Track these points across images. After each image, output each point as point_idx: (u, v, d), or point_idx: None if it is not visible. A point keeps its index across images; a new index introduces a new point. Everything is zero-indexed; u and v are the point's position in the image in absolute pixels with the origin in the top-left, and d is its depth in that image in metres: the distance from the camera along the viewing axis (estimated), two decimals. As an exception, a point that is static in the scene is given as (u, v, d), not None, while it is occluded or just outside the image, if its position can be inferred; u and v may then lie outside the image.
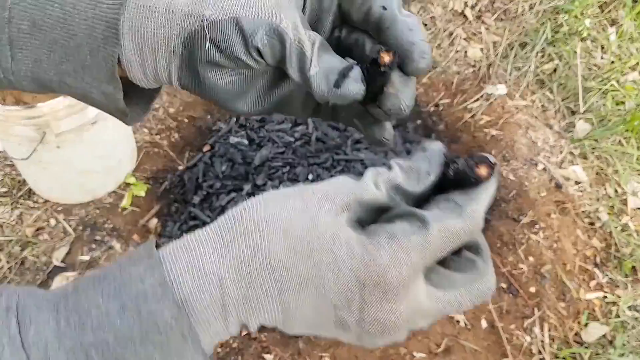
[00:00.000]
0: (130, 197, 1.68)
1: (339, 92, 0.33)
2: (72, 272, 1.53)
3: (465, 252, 0.32)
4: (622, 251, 1.69)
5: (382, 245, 0.28)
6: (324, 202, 0.30)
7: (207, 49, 0.35)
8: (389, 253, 0.28)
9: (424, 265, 0.29)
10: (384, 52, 0.32)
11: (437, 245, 0.29)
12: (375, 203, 0.30)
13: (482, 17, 2.23)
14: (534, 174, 1.81)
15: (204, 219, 1.67)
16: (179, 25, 0.34)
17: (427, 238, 0.28)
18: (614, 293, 1.62)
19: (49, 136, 1.40)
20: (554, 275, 1.60)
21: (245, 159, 1.81)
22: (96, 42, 0.35)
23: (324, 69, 0.34)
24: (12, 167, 1.72)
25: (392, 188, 0.31)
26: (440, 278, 0.30)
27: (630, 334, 1.55)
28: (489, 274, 0.31)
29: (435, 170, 0.32)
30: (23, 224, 1.62)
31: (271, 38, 0.34)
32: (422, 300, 0.29)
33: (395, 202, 0.31)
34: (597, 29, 2.22)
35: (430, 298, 0.30)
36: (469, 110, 2.01)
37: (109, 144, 1.59)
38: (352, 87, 0.33)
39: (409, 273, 0.28)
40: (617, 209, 1.79)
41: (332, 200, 0.30)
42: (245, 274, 0.29)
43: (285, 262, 0.29)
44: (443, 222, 0.29)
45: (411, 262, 0.28)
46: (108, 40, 0.35)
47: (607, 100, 2.02)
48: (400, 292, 0.28)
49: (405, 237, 0.28)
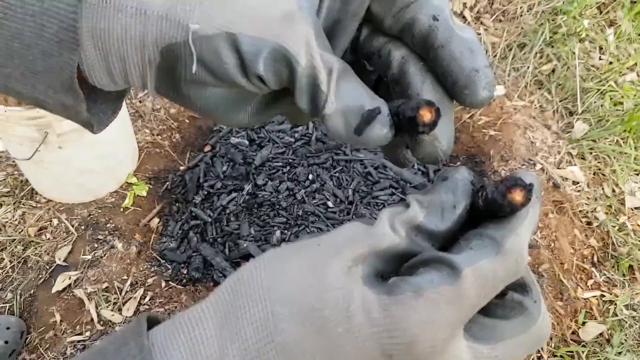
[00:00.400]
0: (132, 196, 1.69)
1: (359, 139, 0.27)
2: (75, 271, 1.54)
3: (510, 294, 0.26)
4: (619, 250, 1.71)
5: (406, 304, 0.23)
6: (333, 257, 0.25)
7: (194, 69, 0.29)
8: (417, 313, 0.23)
9: (462, 320, 0.24)
10: (426, 109, 0.25)
11: (474, 294, 0.23)
12: (394, 251, 0.25)
13: (480, 18, 2.24)
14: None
15: (205, 218, 1.68)
16: (155, 30, 0.28)
17: (460, 287, 0.23)
18: (612, 292, 1.63)
19: (51, 136, 1.41)
20: (551, 274, 1.62)
21: (246, 159, 1.82)
22: (49, 45, 0.28)
23: (343, 107, 0.27)
24: (14, 167, 1.74)
25: (412, 230, 0.26)
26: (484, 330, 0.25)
27: (627, 332, 1.56)
28: (541, 316, 0.26)
29: (462, 202, 0.26)
30: (26, 224, 1.63)
31: (277, 64, 0.27)
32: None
33: (418, 247, 0.26)
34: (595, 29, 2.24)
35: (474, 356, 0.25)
36: (467, 110, 2.02)
37: (111, 144, 1.61)
38: (376, 136, 0.27)
39: (444, 334, 0.23)
40: (615, 209, 1.80)
41: (342, 254, 0.25)
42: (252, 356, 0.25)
43: (296, 338, 0.24)
44: (478, 264, 0.23)
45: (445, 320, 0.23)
46: (63, 44, 0.28)
47: (605, 101, 2.03)
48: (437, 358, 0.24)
49: (434, 290, 0.23)
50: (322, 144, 1.90)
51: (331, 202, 1.71)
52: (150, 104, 1.93)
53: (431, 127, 0.26)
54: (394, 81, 0.31)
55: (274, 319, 0.24)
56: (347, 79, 0.28)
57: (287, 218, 1.67)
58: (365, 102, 0.27)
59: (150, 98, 1.95)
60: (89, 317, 1.47)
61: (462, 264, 0.23)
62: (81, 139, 1.48)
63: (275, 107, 0.33)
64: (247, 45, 0.27)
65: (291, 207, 1.70)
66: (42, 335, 1.45)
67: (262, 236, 1.64)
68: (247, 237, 1.63)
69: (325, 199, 1.72)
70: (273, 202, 1.70)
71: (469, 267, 0.23)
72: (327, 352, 0.24)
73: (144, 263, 1.59)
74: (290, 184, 1.74)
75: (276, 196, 1.71)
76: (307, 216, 1.67)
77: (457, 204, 0.26)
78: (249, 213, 1.69)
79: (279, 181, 1.76)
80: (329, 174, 1.79)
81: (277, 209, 1.69)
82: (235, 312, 0.25)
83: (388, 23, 0.29)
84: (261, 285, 0.25)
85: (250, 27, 0.27)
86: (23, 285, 1.52)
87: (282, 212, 1.68)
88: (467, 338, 0.25)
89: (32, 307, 1.50)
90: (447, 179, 0.27)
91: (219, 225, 1.68)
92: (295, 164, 1.81)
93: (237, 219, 1.68)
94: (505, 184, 0.24)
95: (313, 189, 1.74)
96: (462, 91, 0.28)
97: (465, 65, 0.27)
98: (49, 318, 1.47)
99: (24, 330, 1.43)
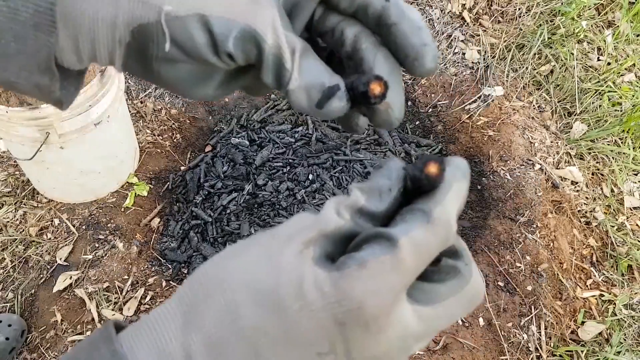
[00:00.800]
0: (133, 196, 1.70)
1: (321, 111, 0.31)
2: (76, 271, 1.54)
3: (444, 260, 0.29)
4: (618, 250, 1.71)
5: (352, 276, 0.25)
6: (286, 244, 0.27)
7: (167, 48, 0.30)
8: (362, 283, 0.25)
9: (403, 285, 0.26)
10: (375, 83, 0.29)
11: (411, 260, 0.26)
12: (340, 232, 0.28)
13: (479, 20, 2.25)
14: (530, 174, 1.83)
15: (205, 218, 1.69)
16: (126, 11, 0.30)
17: (398, 255, 0.25)
18: (610, 291, 1.64)
19: (52, 137, 1.42)
20: (550, 274, 1.62)
21: (246, 159, 1.83)
22: (23, 29, 0.30)
23: (306, 83, 0.31)
24: (15, 167, 1.74)
25: (355, 212, 0.28)
26: (424, 294, 0.28)
27: (626, 332, 1.57)
28: (474, 276, 0.29)
29: (397, 185, 0.29)
30: (27, 224, 1.63)
31: (246, 43, 0.30)
32: (410, 323, 0.27)
33: (361, 227, 0.28)
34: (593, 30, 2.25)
35: (419, 318, 0.27)
36: (466, 111, 2.03)
37: (112, 144, 1.61)
38: (335, 109, 0.31)
39: (388, 298, 0.25)
40: (614, 209, 1.81)
41: (293, 240, 0.27)
42: (215, 344, 0.26)
43: (255, 320, 0.26)
44: (411, 233, 0.26)
45: (387, 286, 0.25)
46: (40, 27, 0.30)
47: (603, 101, 2.04)
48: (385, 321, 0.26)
49: (375, 260, 0.25)
50: (322, 144, 1.91)
51: (331, 202, 1.72)
52: (152, 104, 1.94)
53: (381, 99, 0.30)
54: (347, 57, 0.34)
55: (235, 306, 0.26)
56: (308, 58, 0.31)
57: (288, 218, 1.67)
58: (325, 79, 0.31)
59: (151, 99, 1.95)
60: (90, 316, 1.47)
61: (398, 234, 0.26)
62: (82, 140, 1.49)
63: (236, 81, 0.35)
64: (218, 25, 0.29)
65: (291, 207, 1.70)
66: (43, 335, 1.45)
67: (263, 236, 1.64)
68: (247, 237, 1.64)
69: (325, 199, 1.72)
70: (273, 202, 1.71)
71: (404, 236, 0.26)
72: (285, 330, 0.26)
73: (145, 263, 1.60)
74: (290, 184, 1.75)
75: (276, 196, 1.72)
76: (307, 216, 1.68)
77: (392, 187, 0.29)
78: (249, 213, 1.70)
79: (279, 181, 1.76)
80: (329, 174, 1.80)
81: (278, 209, 1.70)
82: (197, 307, 0.27)
83: (344, 5, 0.33)
84: (220, 277, 0.27)
85: (221, 9, 0.29)
86: (24, 285, 1.53)
87: (283, 212, 1.69)
88: (411, 302, 0.27)
89: (33, 306, 1.50)
90: (382, 167, 0.30)
91: (220, 225, 1.68)
92: (295, 164, 1.82)
93: (237, 218, 1.69)
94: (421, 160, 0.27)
95: (313, 189, 1.75)
96: (413, 63, 0.31)
97: (416, 40, 0.31)
98: (49, 317, 1.47)
99: (24, 330, 1.44)
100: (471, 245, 1.69)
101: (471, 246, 1.68)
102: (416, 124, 2.07)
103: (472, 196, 1.85)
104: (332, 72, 0.32)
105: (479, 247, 1.67)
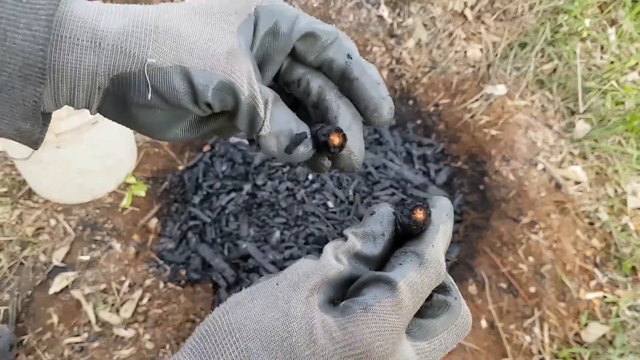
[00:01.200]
0: (130, 197, 1.68)
1: (289, 156, 0.34)
2: (72, 272, 1.52)
3: (435, 296, 0.32)
4: (621, 251, 1.69)
5: (359, 320, 0.28)
6: (292, 292, 0.29)
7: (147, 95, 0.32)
8: (368, 326, 0.28)
9: (404, 325, 0.29)
10: (334, 135, 0.33)
11: (409, 300, 0.29)
12: (341, 277, 0.30)
13: (481, 18, 2.23)
14: (533, 174, 1.81)
15: (204, 218, 1.67)
16: (107, 61, 0.31)
17: (398, 298, 0.28)
18: (614, 293, 1.62)
19: (49, 136, 1.40)
20: (553, 275, 1.60)
21: (246, 159, 1.81)
22: (9, 80, 0.31)
23: (276, 130, 0.33)
24: (12, 167, 1.72)
25: (352, 257, 0.31)
26: (421, 330, 0.31)
27: (630, 334, 1.55)
28: (462, 309, 0.32)
29: (388, 230, 0.32)
30: (23, 224, 1.62)
31: (224, 93, 0.32)
32: (412, 358, 0.29)
33: (359, 270, 0.31)
34: (596, 29, 2.23)
35: (417, 353, 0.30)
36: (468, 110, 2.01)
37: (109, 143, 1.59)
38: (302, 154, 0.34)
39: (393, 338, 0.28)
40: (617, 209, 1.79)
41: (299, 287, 0.29)
42: None
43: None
44: (408, 276, 0.29)
45: (391, 326, 0.28)
46: (29, 78, 0.31)
47: (606, 100, 2.02)
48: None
49: (378, 304, 0.28)
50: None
51: (331, 202, 1.70)
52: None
53: (340, 149, 0.33)
54: (313, 106, 0.37)
55: (248, 353, 0.27)
56: (279, 107, 0.34)
57: (287, 218, 1.65)
58: (293, 126, 0.34)
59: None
60: (87, 318, 1.45)
61: (397, 278, 0.29)
62: (79, 139, 1.47)
63: (206, 125, 0.38)
64: (199, 77, 0.32)
65: (291, 207, 1.68)
66: (39, 337, 1.43)
67: (262, 237, 1.62)
68: (246, 238, 1.62)
69: (325, 199, 1.70)
70: (272, 202, 1.69)
71: (402, 280, 0.29)
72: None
73: (142, 264, 1.58)
74: (290, 184, 1.73)
75: (276, 196, 1.70)
76: (307, 216, 1.66)
77: (384, 232, 0.32)
78: (248, 213, 1.68)
79: (278, 181, 1.74)
80: (329, 174, 1.78)
81: (277, 209, 1.68)
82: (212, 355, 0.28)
83: (310, 59, 0.36)
84: (231, 328, 0.28)
85: (201, 62, 0.32)
86: (20, 287, 1.51)
87: (282, 212, 1.67)
88: (409, 339, 0.30)
89: (29, 308, 1.48)
90: (374, 214, 0.33)
91: (218, 225, 1.66)
92: (294, 164, 1.80)
93: (236, 219, 1.67)
94: (408, 208, 0.31)
95: (313, 189, 1.73)
96: (372, 114, 0.35)
97: (374, 94, 0.35)
98: (46, 319, 1.45)
99: (14, 344, 1.40)
100: (473, 246, 1.67)
101: (473, 247, 1.67)
102: (418, 123, 2.05)
103: (474, 196, 1.83)
104: (300, 120, 0.35)
105: (481, 248, 1.65)
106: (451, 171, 1.90)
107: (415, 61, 2.15)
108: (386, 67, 2.14)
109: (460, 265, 1.64)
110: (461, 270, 1.63)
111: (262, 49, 0.35)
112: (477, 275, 1.59)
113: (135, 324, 1.46)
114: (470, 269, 1.62)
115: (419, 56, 2.15)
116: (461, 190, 1.84)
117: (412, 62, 2.15)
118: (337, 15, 2.18)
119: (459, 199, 1.81)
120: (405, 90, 2.11)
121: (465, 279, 1.59)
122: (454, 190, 1.85)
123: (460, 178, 1.88)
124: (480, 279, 1.59)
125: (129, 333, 1.44)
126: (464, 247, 1.69)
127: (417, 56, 2.16)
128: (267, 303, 0.29)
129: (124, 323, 1.46)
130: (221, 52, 0.32)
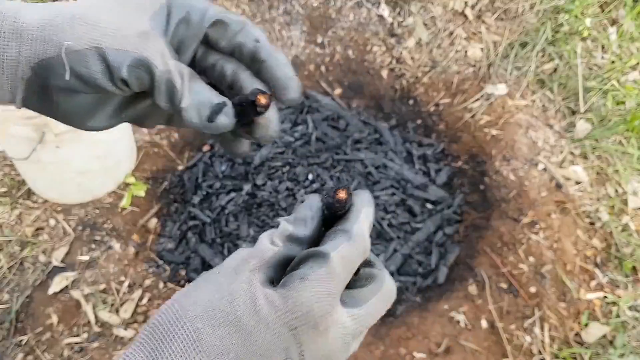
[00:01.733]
0: (130, 197, 1.67)
1: (211, 125, 0.35)
2: (72, 272, 1.52)
3: (362, 270, 0.36)
4: (622, 251, 1.69)
5: (298, 288, 0.30)
6: (234, 275, 0.32)
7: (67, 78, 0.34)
8: (306, 292, 0.30)
9: (338, 291, 0.32)
10: (262, 95, 0.35)
11: (341, 270, 0.32)
12: (277, 257, 0.33)
13: (482, 17, 2.23)
14: (534, 174, 1.81)
15: (203, 218, 1.66)
16: (28, 50, 0.33)
17: (331, 266, 0.31)
18: (615, 293, 1.62)
19: (48, 136, 1.40)
20: (554, 275, 1.60)
21: (245, 159, 1.81)
22: None
23: (196, 102, 0.35)
24: (11, 167, 1.72)
25: (287, 240, 0.34)
26: (352, 298, 0.33)
27: (630, 334, 1.54)
28: (387, 278, 0.35)
29: (317, 213, 0.36)
30: (22, 224, 1.61)
31: (139, 70, 0.34)
32: (347, 323, 0.32)
33: (294, 251, 0.34)
34: (597, 28, 2.22)
35: (352, 318, 0.32)
36: (469, 110, 2.01)
37: (108, 143, 1.59)
38: (224, 122, 0.36)
39: (330, 301, 0.31)
40: (618, 209, 1.78)
41: (239, 270, 0.32)
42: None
43: (217, 342, 0.29)
44: (339, 249, 0.32)
45: (327, 292, 0.31)
46: None
47: (607, 100, 2.01)
48: (329, 322, 0.31)
49: (314, 273, 0.31)
50: (322, 143, 1.88)
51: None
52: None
53: (266, 108, 0.35)
54: (228, 87, 0.40)
55: (197, 333, 0.29)
56: (196, 81, 0.36)
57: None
58: (213, 97, 0.36)
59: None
60: (86, 318, 1.45)
61: (329, 251, 0.32)
62: (79, 139, 1.47)
63: (127, 110, 0.40)
64: (113, 55, 0.33)
65: (291, 208, 1.68)
66: (38, 337, 1.43)
67: (262, 237, 1.62)
68: (246, 238, 1.61)
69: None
70: (272, 202, 1.69)
71: (334, 251, 0.32)
72: (245, 344, 0.30)
73: (142, 264, 1.57)
74: (289, 184, 1.73)
75: (275, 196, 1.70)
76: (307, 216, 1.66)
77: (314, 215, 0.36)
78: (248, 213, 1.67)
79: (278, 181, 1.74)
80: (329, 174, 1.78)
81: (277, 209, 1.67)
82: (162, 344, 0.30)
83: (222, 44, 0.39)
84: (178, 315, 0.30)
85: (115, 42, 0.34)
86: (20, 287, 1.51)
87: (282, 212, 1.67)
88: (344, 306, 0.33)
89: (28, 308, 1.48)
90: (304, 201, 0.37)
91: (218, 225, 1.66)
92: (294, 164, 1.80)
93: (236, 219, 1.67)
94: (332, 190, 0.35)
95: (313, 189, 1.72)
96: (281, 92, 0.38)
97: (282, 74, 0.38)
98: (45, 319, 1.45)
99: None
100: (473, 246, 1.67)
101: (473, 247, 1.66)
102: (418, 123, 2.05)
103: (474, 196, 1.83)
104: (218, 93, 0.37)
105: (482, 248, 1.65)
106: (451, 171, 1.89)
107: (416, 61, 2.15)
108: (386, 66, 2.14)
109: (460, 265, 1.64)
110: (461, 270, 1.62)
111: (176, 37, 0.37)
112: (478, 276, 1.59)
113: (135, 324, 1.46)
114: (470, 269, 1.61)
115: (419, 55, 2.15)
116: (461, 190, 1.84)
117: (413, 61, 2.15)
118: (338, 15, 2.18)
119: (459, 199, 1.80)
120: (405, 90, 2.11)
121: (466, 279, 1.59)
122: (454, 190, 1.85)
123: (460, 178, 1.88)
124: (480, 279, 1.58)
125: (129, 333, 1.44)
126: (464, 247, 1.68)
127: (417, 55, 2.15)
128: (211, 288, 0.31)
129: (123, 323, 1.45)
130: (134, 33, 0.34)
